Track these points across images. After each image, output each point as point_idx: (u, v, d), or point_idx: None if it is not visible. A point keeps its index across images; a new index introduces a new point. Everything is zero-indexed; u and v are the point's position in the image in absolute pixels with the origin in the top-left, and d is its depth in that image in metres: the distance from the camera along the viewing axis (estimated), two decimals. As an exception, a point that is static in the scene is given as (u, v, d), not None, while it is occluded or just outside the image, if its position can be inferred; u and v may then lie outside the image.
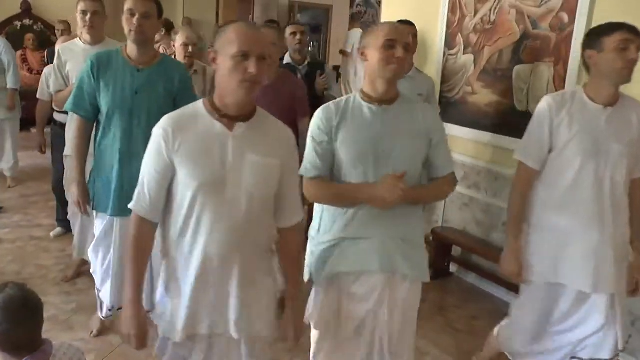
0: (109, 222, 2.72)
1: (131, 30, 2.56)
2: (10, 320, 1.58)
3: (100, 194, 2.71)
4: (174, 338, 1.78)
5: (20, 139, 5.70)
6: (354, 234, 2.08)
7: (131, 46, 2.62)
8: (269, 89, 3.19)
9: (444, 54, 4.01)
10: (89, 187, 2.78)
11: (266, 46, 1.68)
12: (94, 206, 2.78)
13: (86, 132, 2.76)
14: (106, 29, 3.50)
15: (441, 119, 2.24)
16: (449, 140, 2.23)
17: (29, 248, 4.20)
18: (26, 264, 3.92)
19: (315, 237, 2.20)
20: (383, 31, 2.02)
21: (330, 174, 2.12)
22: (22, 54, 7.79)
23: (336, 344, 2.17)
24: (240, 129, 1.70)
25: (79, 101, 2.69)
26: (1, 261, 3.94)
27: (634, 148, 2.24)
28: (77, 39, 3.52)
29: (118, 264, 2.68)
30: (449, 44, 3.96)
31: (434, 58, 4.09)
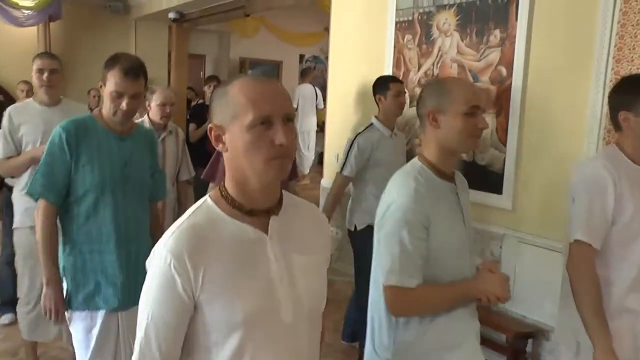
0: (106, 319, 2.25)
1: (116, 111, 2.21)
2: None
3: (86, 289, 2.24)
4: None
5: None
6: (457, 340, 1.74)
7: (112, 119, 2.25)
8: None
9: (391, 107, 4.09)
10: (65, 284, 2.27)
11: (289, 102, 1.24)
12: (72, 306, 2.27)
13: (55, 222, 2.26)
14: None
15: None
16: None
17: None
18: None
19: (385, 353, 1.75)
20: (465, 94, 1.69)
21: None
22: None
23: None
24: (274, 225, 1.24)
25: (49, 183, 2.19)
26: None
27: None
28: (30, 100, 3.29)
29: None
30: (396, 97, 4.06)
31: (382, 111, 4.18)
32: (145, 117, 3.55)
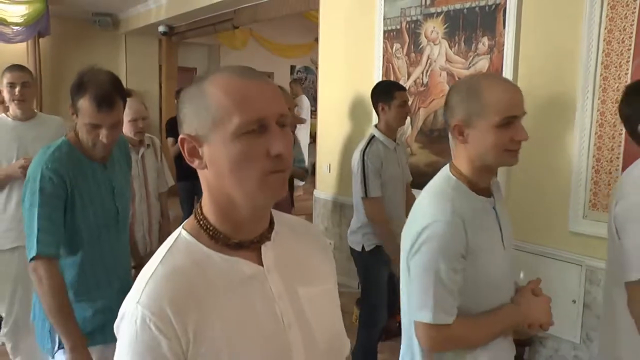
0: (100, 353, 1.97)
1: (95, 144, 1.94)
2: None
3: (101, 325, 1.95)
4: None
5: None
6: None
7: (91, 149, 1.98)
8: None
9: (382, 117, 4.09)
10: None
11: (284, 103, 0.96)
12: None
13: (60, 275, 1.88)
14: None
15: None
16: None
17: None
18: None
19: None
20: (498, 101, 1.41)
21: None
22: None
23: None
24: (269, 254, 1.00)
25: (51, 238, 1.84)
26: None
27: None
28: (2, 115, 3.15)
29: None
30: (386, 106, 4.05)
31: (372, 121, 4.17)
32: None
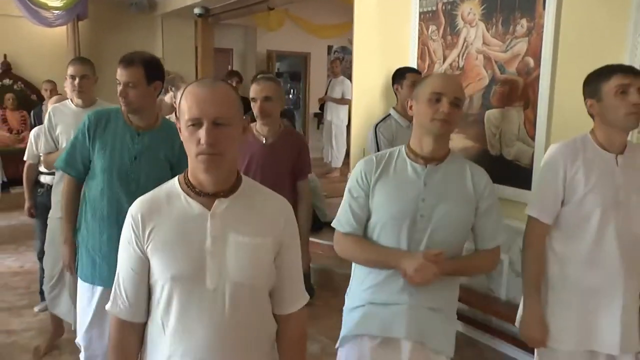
0: (103, 295, 2.44)
1: (120, 99, 2.44)
2: None
3: (87, 264, 2.52)
4: None
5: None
6: (384, 299, 1.94)
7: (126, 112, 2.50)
8: (269, 148, 3.13)
9: (416, 101, 4.00)
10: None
11: (224, 107, 1.38)
12: (77, 270, 2.58)
13: (76, 192, 2.60)
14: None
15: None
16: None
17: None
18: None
19: (346, 300, 2.09)
20: (431, 83, 1.90)
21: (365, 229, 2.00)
22: (2, 114, 7.70)
23: None
24: (220, 206, 1.44)
25: (71, 160, 2.54)
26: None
27: None
28: (68, 101, 3.44)
29: None
30: (420, 90, 3.96)
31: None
32: (173, 115, 3.57)
